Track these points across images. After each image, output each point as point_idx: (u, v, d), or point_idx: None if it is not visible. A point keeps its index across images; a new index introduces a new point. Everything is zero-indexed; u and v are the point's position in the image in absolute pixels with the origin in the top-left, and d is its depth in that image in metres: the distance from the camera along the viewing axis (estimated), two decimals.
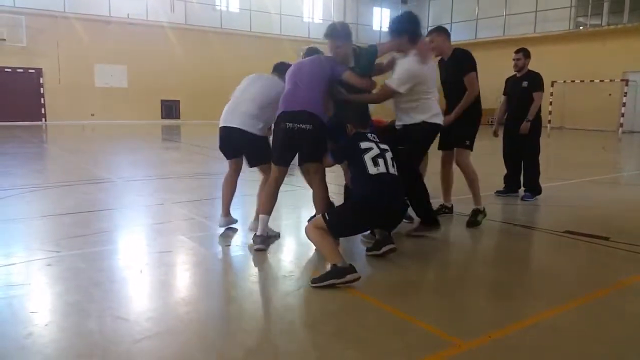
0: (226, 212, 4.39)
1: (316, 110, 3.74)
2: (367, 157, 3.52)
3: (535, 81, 6.04)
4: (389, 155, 3.62)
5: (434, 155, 4.85)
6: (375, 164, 3.51)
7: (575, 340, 2.51)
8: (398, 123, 4.36)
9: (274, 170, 3.92)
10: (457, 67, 4.79)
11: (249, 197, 5.19)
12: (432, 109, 4.20)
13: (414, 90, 4.08)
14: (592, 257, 3.95)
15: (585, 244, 4.21)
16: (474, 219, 4.72)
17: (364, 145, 3.58)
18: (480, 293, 3.20)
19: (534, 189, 6.06)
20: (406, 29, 4.08)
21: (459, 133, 4.78)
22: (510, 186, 6.30)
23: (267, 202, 3.92)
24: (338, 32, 3.90)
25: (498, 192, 6.28)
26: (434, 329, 2.57)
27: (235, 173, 4.42)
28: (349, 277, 3.10)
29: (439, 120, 4.27)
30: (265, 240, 3.89)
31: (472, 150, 4.86)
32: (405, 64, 4.05)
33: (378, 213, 3.51)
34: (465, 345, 2.40)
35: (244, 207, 5.05)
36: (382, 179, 3.48)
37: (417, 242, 4.14)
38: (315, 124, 3.71)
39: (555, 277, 3.45)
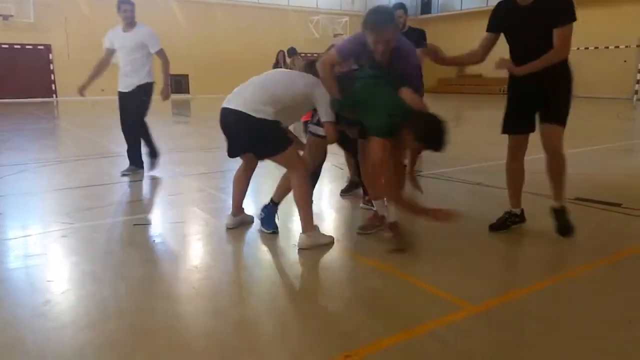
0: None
1: None
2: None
3: None
4: None
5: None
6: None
7: (584, 305, 2.52)
8: None
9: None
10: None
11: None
12: None
13: None
14: (604, 224, 3.94)
15: (597, 210, 4.19)
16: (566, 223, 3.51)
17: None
18: (490, 258, 3.21)
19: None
20: None
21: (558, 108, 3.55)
22: None
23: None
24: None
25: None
26: (441, 292, 2.60)
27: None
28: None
29: None
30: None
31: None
32: None
33: None
34: (473, 309, 2.43)
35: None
36: None
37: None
38: None
39: (566, 243, 3.44)
